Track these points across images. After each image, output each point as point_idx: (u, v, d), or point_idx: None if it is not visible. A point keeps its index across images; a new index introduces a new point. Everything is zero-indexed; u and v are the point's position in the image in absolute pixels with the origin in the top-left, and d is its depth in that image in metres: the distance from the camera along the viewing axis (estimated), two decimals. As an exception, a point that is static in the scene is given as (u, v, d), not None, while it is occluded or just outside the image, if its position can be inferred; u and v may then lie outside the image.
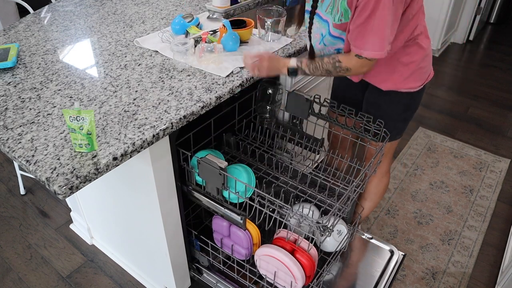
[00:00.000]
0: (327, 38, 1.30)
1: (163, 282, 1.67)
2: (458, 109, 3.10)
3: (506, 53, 4.03)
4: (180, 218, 1.46)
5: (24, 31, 1.69)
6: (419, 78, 1.39)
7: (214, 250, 1.54)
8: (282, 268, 1.30)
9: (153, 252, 1.56)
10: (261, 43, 1.60)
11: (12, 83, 1.33)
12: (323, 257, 1.57)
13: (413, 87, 1.39)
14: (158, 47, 1.54)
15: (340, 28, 1.23)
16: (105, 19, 1.80)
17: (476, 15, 4.05)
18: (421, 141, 2.71)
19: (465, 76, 3.58)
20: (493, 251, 1.98)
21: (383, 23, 1.13)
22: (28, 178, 2.30)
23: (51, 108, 1.21)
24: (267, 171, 1.58)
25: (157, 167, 1.26)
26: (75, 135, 1.01)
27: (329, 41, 1.30)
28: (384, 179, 1.69)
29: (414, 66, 1.35)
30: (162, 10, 1.91)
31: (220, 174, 1.24)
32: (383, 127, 1.42)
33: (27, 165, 1.01)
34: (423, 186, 2.34)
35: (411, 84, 1.38)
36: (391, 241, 2.00)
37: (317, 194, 1.48)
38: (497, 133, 2.84)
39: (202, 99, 1.26)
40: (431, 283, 1.81)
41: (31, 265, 1.86)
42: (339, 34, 1.25)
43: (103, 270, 1.84)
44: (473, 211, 2.19)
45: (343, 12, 1.19)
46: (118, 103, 1.23)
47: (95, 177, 1.00)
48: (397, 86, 1.38)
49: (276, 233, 1.40)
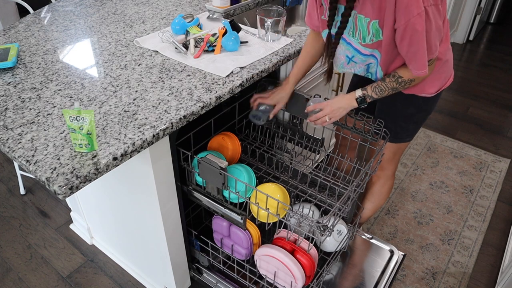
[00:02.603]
0: (357, 58, 1.31)
1: (163, 282, 1.67)
2: (458, 109, 3.10)
3: (506, 53, 4.03)
4: (180, 218, 1.46)
5: (24, 31, 1.69)
6: (436, 84, 1.38)
7: (214, 250, 1.54)
8: (282, 268, 1.30)
9: (153, 252, 1.56)
10: (261, 43, 1.60)
11: (12, 83, 1.33)
12: (323, 257, 1.57)
13: (430, 92, 1.38)
14: (158, 47, 1.54)
15: (371, 47, 1.25)
16: (105, 19, 1.80)
17: (476, 15, 4.05)
18: (421, 141, 2.71)
19: (465, 76, 3.58)
20: (493, 251, 1.98)
21: (432, 37, 1.15)
22: (28, 178, 2.30)
23: (51, 108, 1.21)
24: (267, 171, 1.58)
25: (157, 167, 1.26)
26: (75, 135, 1.01)
27: (360, 59, 1.31)
28: (389, 181, 1.67)
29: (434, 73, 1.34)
30: (162, 10, 1.91)
31: (220, 174, 1.24)
32: (383, 127, 1.42)
33: (27, 165, 1.01)
34: (423, 186, 2.34)
35: (428, 90, 1.38)
36: (391, 241, 2.00)
37: (317, 194, 1.48)
38: (497, 133, 2.84)
39: (202, 99, 1.26)
40: (431, 283, 1.82)
41: (31, 265, 1.86)
42: (370, 52, 1.27)
43: (103, 270, 1.84)
44: (473, 211, 2.19)
45: (375, 32, 1.21)
46: (118, 103, 1.23)
47: (95, 177, 1.00)
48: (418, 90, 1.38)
49: (276, 233, 1.40)
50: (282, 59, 1.51)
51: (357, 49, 1.28)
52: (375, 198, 1.72)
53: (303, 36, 1.68)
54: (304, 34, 1.70)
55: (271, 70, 1.48)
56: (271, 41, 1.62)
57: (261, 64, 1.46)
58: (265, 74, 1.46)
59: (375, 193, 1.71)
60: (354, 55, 1.31)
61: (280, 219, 1.27)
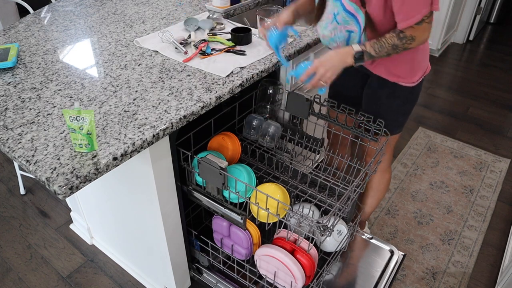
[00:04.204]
0: (340, 15, 1.27)
1: (163, 282, 1.67)
2: (458, 109, 3.10)
3: (506, 53, 4.03)
4: (180, 218, 1.46)
5: (24, 31, 1.69)
6: (417, 72, 1.41)
7: (214, 250, 1.54)
8: (282, 268, 1.30)
9: (153, 252, 1.56)
10: (261, 43, 1.60)
11: (12, 83, 1.33)
12: (323, 257, 1.57)
13: (412, 81, 1.41)
14: (158, 47, 1.54)
15: (356, 2, 1.22)
16: (105, 19, 1.80)
17: (476, 15, 4.05)
18: (421, 141, 2.71)
19: (465, 76, 3.58)
20: (493, 251, 1.98)
21: None
22: (28, 178, 2.30)
23: (51, 108, 1.21)
24: (267, 171, 1.58)
25: (157, 167, 1.26)
26: (75, 135, 1.01)
27: (343, 18, 1.27)
28: (386, 174, 1.69)
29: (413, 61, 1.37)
30: (162, 10, 1.91)
31: (220, 174, 1.24)
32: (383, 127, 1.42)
33: (27, 165, 1.01)
34: (423, 186, 2.34)
35: (410, 78, 1.40)
36: (391, 241, 2.00)
37: (317, 194, 1.48)
38: (497, 133, 2.84)
39: (202, 99, 1.26)
40: (431, 283, 1.81)
41: (31, 265, 1.86)
42: (354, 10, 1.23)
43: (103, 270, 1.84)
44: (473, 211, 2.19)
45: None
46: (118, 103, 1.23)
47: (95, 177, 1.00)
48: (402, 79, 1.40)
49: (276, 233, 1.40)
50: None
51: (343, 4, 1.25)
52: (374, 192, 1.74)
53: (303, 36, 1.68)
54: (304, 34, 1.70)
55: (271, 70, 1.48)
56: (271, 41, 1.62)
57: (261, 64, 1.46)
58: (265, 74, 1.46)
59: (374, 188, 1.73)
60: (339, 12, 1.27)
61: (280, 219, 1.27)
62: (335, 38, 1.35)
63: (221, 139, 1.49)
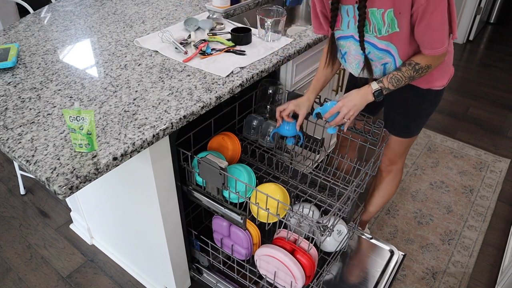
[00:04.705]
0: (373, 54, 1.30)
1: (163, 282, 1.67)
2: (458, 109, 3.10)
3: (506, 53, 4.03)
4: (180, 218, 1.46)
5: (24, 31, 1.69)
6: (446, 75, 1.42)
7: (214, 250, 1.54)
8: (282, 268, 1.30)
9: (153, 252, 1.56)
10: (261, 43, 1.60)
11: (12, 83, 1.33)
12: (323, 257, 1.57)
13: (442, 84, 1.41)
14: (158, 47, 1.54)
15: (387, 39, 1.24)
16: (105, 19, 1.80)
17: (476, 15, 4.05)
18: (421, 141, 2.71)
19: (465, 76, 3.58)
20: (493, 251, 1.98)
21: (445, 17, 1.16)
22: (28, 178, 2.30)
23: (51, 108, 1.21)
24: (267, 171, 1.58)
25: (157, 167, 1.26)
26: (75, 135, 1.01)
27: (376, 56, 1.30)
28: (399, 174, 1.69)
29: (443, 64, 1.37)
30: (162, 10, 1.91)
31: (220, 174, 1.24)
32: (383, 127, 1.42)
33: (27, 165, 1.01)
34: (423, 186, 2.34)
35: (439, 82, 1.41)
36: (391, 241, 2.00)
37: (317, 194, 1.48)
38: (497, 133, 2.84)
39: (202, 99, 1.26)
40: (431, 283, 1.81)
41: (31, 265, 1.86)
42: (386, 46, 1.26)
43: (103, 270, 1.84)
44: (473, 211, 2.19)
45: (390, 23, 1.20)
46: (118, 103, 1.23)
47: (95, 177, 1.00)
48: (433, 85, 1.40)
49: (276, 233, 1.40)
50: (282, 59, 1.51)
51: (373, 44, 1.27)
52: (384, 193, 1.73)
53: (303, 36, 1.68)
54: (304, 34, 1.70)
55: (271, 70, 1.48)
56: (271, 41, 1.62)
57: (261, 64, 1.46)
58: (265, 74, 1.46)
59: (385, 187, 1.72)
60: (370, 51, 1.30)
61: (280, 219, 1.27)
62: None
63: (221, 139, 1.49)
